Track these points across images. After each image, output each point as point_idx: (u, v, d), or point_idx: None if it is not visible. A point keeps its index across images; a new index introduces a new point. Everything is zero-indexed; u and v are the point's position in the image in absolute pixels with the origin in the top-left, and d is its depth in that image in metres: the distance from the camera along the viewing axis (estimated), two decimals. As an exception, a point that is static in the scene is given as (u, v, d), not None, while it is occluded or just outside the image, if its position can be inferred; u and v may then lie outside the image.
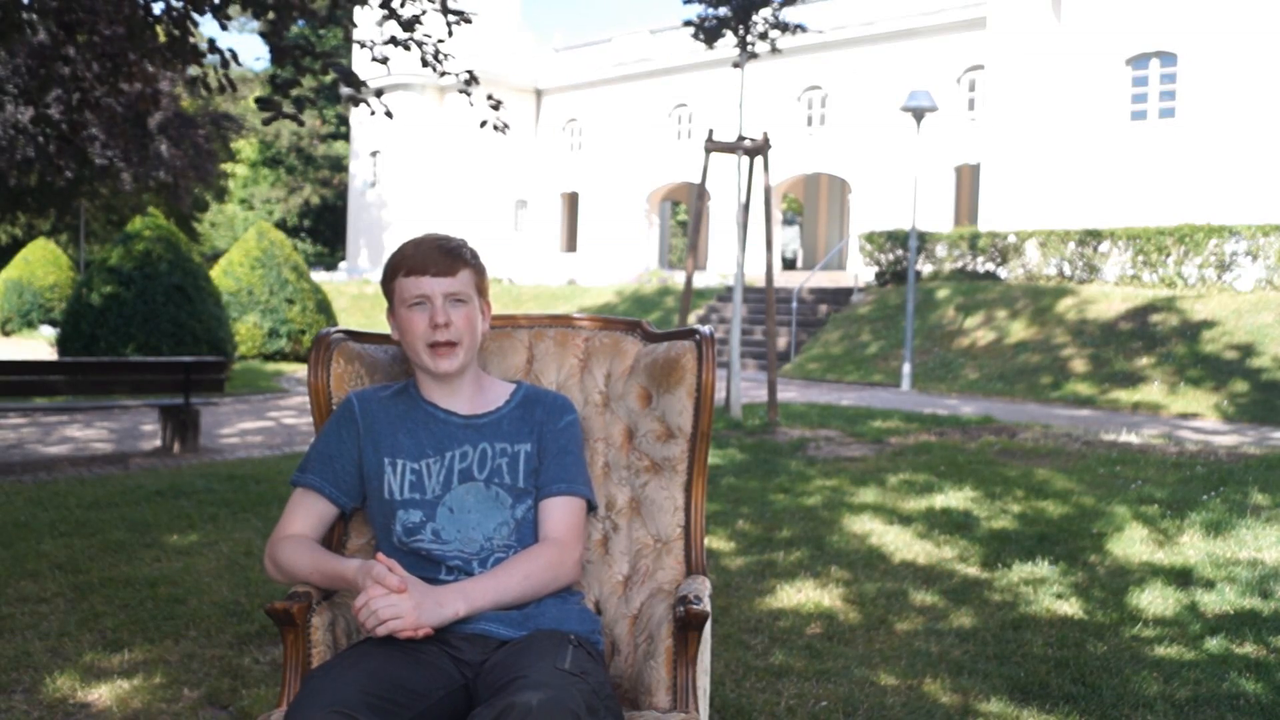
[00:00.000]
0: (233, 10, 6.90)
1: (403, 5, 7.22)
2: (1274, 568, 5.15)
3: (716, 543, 5.50)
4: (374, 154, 37.44)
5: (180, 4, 6.70)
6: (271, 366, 17.57)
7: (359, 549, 2.18)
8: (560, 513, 2.06)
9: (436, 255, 2.03)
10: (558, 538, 2.04)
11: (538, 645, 1.83)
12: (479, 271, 2.09)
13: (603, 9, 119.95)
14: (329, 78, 7.29)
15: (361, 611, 1.78)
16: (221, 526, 5.69)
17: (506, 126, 7.59)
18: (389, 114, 7.19)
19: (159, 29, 6.89)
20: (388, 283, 2.08)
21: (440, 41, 7.35)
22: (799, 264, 35.25)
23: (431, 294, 2.02)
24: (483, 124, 7.59)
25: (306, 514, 2.08)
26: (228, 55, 6.79)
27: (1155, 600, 4.57)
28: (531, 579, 1.96)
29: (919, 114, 15.59)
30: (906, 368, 16.44)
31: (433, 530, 2.01)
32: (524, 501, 2.06)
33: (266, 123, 6.68)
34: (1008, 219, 21.98)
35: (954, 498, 6.73)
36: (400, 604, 1.79)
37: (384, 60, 7.03)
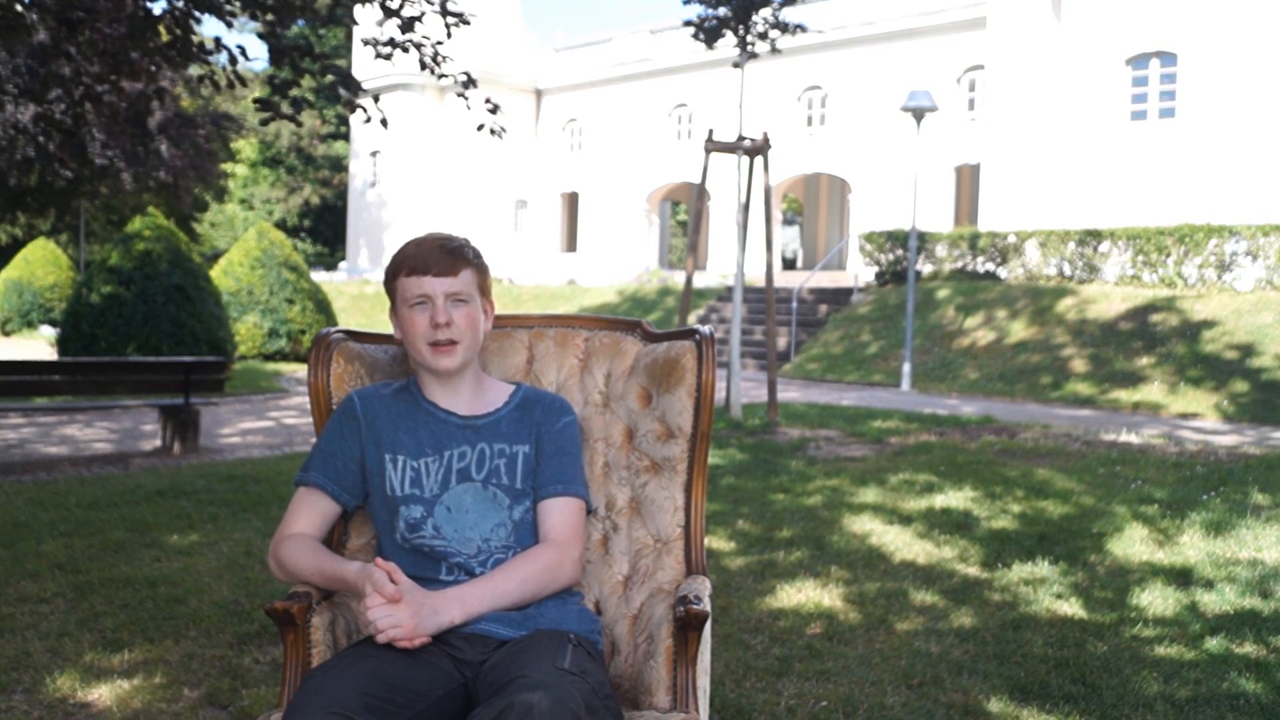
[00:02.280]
0: (234, 9, 6.90)
1: (402, 6, 7.22)
2: (1274, 568, 5.15)
3: (716, 543, 5.50)
4: (374, 154, 37.45)
5: (182, 3, 6.70)
6: (271, 366, 17.57)
7: (359, 549, 2.18)
8: (558, 514, 2.06)
9: (438, 255, 2.03)
10: (556, 539, 2.04)
11: (537, 645, 1.83)
12: (481, 271, 2.09)
13: (603, 9, 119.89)
14: (327, 79, 7.29)
15: (360, 621, 1.80)
16: (221, 526, 5.69)
17: (504, 130, 7.57)
18: (384, 122, 7.18)
19: (161, 28, 6.89)
20: (390, 282, 2.08)
21: (439, 44, 7.34)
22: (799, 264, 35.25)
23: (433, 293, 2.02)
24: (480, 128, 7.58)
25: (310, 513, 2.08)
26: (235, 53, 6.79)
27: (1155, 600, 4.57)
28: (529, 582, 1.97)
29: (919, 114, 15.59)
30: (906, 368, 16.44)
31: (433, 526, 2.01)
32: (522, 503, 2.06)
33: (264, 123, 6.68)
34: (1008, 219, 21.98)
35: (954, 498, 6.73)
36: (397, 614, 1.81)
37: (387, 57, 7.02)
